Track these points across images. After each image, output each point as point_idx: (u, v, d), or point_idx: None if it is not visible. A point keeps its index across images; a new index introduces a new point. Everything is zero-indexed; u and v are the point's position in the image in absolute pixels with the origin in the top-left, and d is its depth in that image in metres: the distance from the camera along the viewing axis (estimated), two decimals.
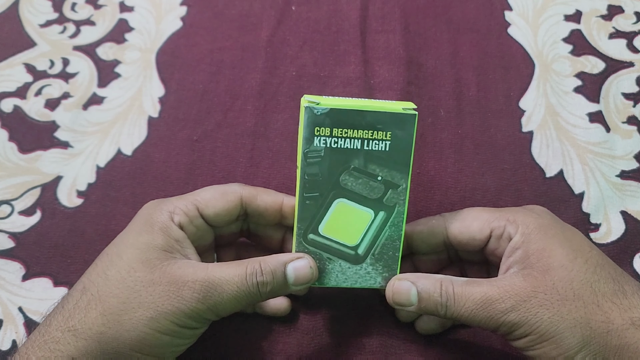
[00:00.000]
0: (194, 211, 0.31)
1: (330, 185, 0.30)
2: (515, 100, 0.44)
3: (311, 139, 0.29)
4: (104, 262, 0.29)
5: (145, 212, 0.31)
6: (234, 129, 0.43)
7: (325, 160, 0.30)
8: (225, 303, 0.28)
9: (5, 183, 0.41)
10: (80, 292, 0.28)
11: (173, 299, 0.27)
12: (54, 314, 0.28)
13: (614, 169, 0.41)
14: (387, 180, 0.31)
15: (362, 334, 0.35)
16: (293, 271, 0.30)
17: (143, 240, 0.29)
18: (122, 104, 0.45)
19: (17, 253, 0.39)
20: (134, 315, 0.27)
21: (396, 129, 0.30)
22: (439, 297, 0.29)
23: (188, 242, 0.30)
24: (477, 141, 0.42)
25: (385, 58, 0.46)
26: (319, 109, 0.29)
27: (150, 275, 0.28)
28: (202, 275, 0.28)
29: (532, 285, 0.28)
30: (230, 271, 0.28)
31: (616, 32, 0.47)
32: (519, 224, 0.30)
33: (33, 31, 0.49)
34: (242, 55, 0.47)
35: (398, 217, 0.31)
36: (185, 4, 0.50)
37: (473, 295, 0.28)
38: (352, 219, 0.31)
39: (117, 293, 0.27)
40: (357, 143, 0.30)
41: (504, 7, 0.49)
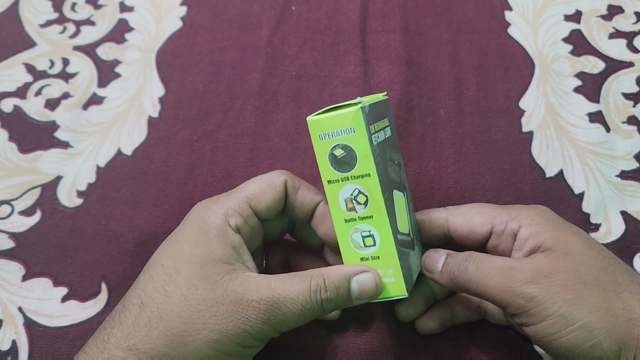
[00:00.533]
0: (247, 209, 0.29)
1: (388, 181, 0.29)
2: (515, 100, 0.44)
3: (371, 139, 0.28)
4: (159, 275, 0.28)
5: (198, 216, 0.29)
6: (234, 129, 0.43)
7: (379, 157, 0.29)
8: (289, 321, 0.27)
9: (5, 183, 0.41)
10: (138, 307, 0.27)
11: (238, 321, 0.26)
12: (112, 328, 0.27)
13: (614, 169, 0.41)
14: (398, 162, 0.32)
15: (363, 334, 0.36)
16: (357, 285, 0.28)
17: (199, 252, 0.28)
18: (122, 104, 0.45)
19: (17, 253, 0.39)
20: (198, 337, 0.26)
21: (388, 114, 0.31)
22: (459, 260, 0.29)
23: (245, 247, 0.29)
24: (477, 141, 0.42)
25: (385, 58, 0.46)
26: (366, 106, 0.28)
27: (212, 293, 0.27)
28: (267, 294, 0.27)
29: (553, 264, 0.27)
30: (295, 288, 0.27)
31: (616, 32, 0.47)
32: (522, 219, 0.30)
33: (33, 31, 0.49)
34: (242, 55, 0.47)
35: (409, 192, 0.33)
36: (185, 4, 0.50)
37: (495, 263, 0.28)
38: (401, 207, 0.31)
39: (179, 312, 0.26)
40: (382, 134, 0.30)
41: (504, 7, 0.49)
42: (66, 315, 0.37)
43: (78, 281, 0.38)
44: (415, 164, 0.41)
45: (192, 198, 0.41)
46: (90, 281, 0.38)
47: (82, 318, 0.36)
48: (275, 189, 0.30)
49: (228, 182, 0.41)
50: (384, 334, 0.35)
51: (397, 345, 0.35)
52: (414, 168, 0.41)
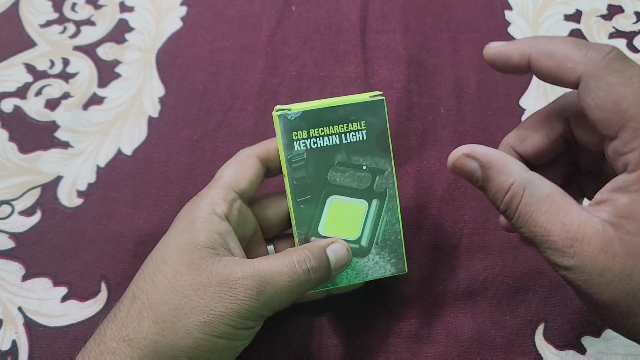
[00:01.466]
0: (231, 194, 0.30)
1: (320, 185, 0.31)
2: (515, 98, 0.44)
3: (291, 144, 0.30)
4: (149, 268, 0.29)
5: (185, 211, 0.30)
6: (234, 129, 0.43)
7: (309, 161, 0.30)
8: (280, 296, 0.27)
9: (5, 183, 0.41)
10: (130, 300, 0.28)
11: (226, 300, 0.26)
12: (108, 322, 0.28)
13: None
14: (372, 168, 0.31)
15: (363, 334, 0.35)
16: (333, 254, 0.29)
17: (184, 240, 0.28)
18: (122, 104, 0.45)
19: (17, 253, 0.39)
20: (187, 321, 0.26)
21: (369, 116, 0.31)
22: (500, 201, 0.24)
23: (232, 234, 0.29)
24: (477, 139, 0.42)
25: (385, 57, 0.46)
26: (292, 114, 0.30)
27: (198, 277, 0.27)
28: (252, 270, 0.27)
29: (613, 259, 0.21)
30: (279, 262, 0.28)
31: (616, 32, 0.47)
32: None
33: (33, 31, 0.49)
34: (242, 55, 0.47)
35: (391, 200, 0.31)
36: (185, 4, 0.50)
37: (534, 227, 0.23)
38: (348, 214, 0.31)
39: (167, 299, 0.27)
40: (336, 138, 0.31)
41: (504, 6, 0.49)
42: (66, 315, 0.37)
43: (78, 281, 0.38)
44: (416, 161, 0.41)
45: (192, 198, 0.40)
46: (90, 281, 0.38)
47: (82, 318, 0.36)
48: (248, 164, 0.31)
49: None
50: (386, 333, 0.35)
51: (398, 344, 0.35)
52: (414, 166, 0.41)
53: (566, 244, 0.22)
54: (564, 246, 0.22)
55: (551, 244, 0.22)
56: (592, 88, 0.23)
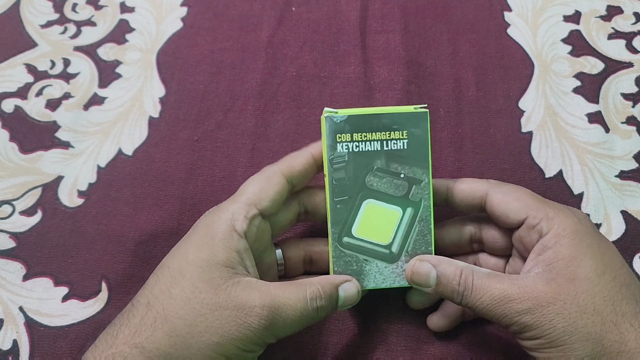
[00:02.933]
0: (252, 211, 0.31)
1: (358, 188, 0.32)
2: (514, 100, 0.44)
3: (334, 146, 0.32)
4: (166, 277, 0.29)
5: (205, 223, 0.31)
6: (234, 129, 0.43)
7: (349, 164, 0.32)
8: (287, 328, 0.29)
9: (6, 183, 0.41)
10: (145, 307, 0.28)
11: (240, 326, 0.27)
12: (120, 325, 0.28)
13: (613, 169, 0.41)
14: (409, 177, 0.32)
15: (363, 334, 0.36)
16: (344, 292, 0.31)
17: (204, 256, 0.29)
18: (122, 105, 0.45)
19: (18, 253, 0.39)
20: (201, 339, 0.27)
21: (411, 127, 0.32)
22: (457, 285, 0.29)
23: (249, 252, 0.30)
24: (476, 141, 0.42)
25: (385, 58, 0.46)
26: (338, 117, 0.31)
27: (216, 297, 0.28)
28: (268, 301, 0.28)
29: (553, 292, 0.28)
30: (293, 296, 0.29)
31: (615, 33, 0.47)
32: (555, 224, 0.30)
33: (34, 32, 0.49)
34: (242, 56, 0.47)
35: (425, 211, 0.32)
36: (185, 5, 0.50)
37: (491, 291, 0.28)
38: (382, 218, 0.32)
39: (183, 315, 0.27)
40: (377, 145, 0.32)
41: (504, 7, 0.49)
42: (67, 314, 0.37)
43: (79, 281, 0.38)
44: None
45: (192, 198, 0.41)
46: (90, 280, 0.38)
47: (82, 317, 0.37)
48: (273, 181, 0.32)
49: (228, 182, 0.41)
50: (384, 333, 0.35)
51: (399, 343, 0.35)
52: None
53: (521, 293, 0.28)
54: (520, 294, 0.28)
55: (508, 298, 0.28)
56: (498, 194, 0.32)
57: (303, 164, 0.33)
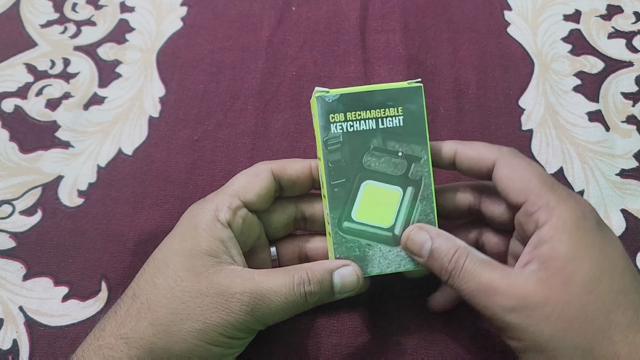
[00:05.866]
0: (236, 202, 0.30)
1: (355, 169, 0.30)
2: (514, 98, 0.44)
3: (328, 126, 0.30)
4: (151, 268, 0.29)
5: (189, 214, 0.31)
6: (234, 129, 0.43)
7: (345, 145, 0.30)
8: (273, 314, 0.28)
9: (6, 183, 0.41)
10: (130, 298, 0.28)
11: (221, 312, 0.27)
12: (108, 318, 0.28)
13: (613, 167, 0.41)
14: (408, 155, 0.31)
15: (364, 334, 0.36)
16: (340, 279, 0.29)
17: (187, 245, 0.29)
18: (122, 104, 0.45)
19: (18, 253, 0.39)
20: (183, 327, 0.27)
21: (406, 103, 0.31)
22: (447, 263, 0.28)
23: (234, 241, 0.30)
24: (477, 139, 0.41)
25: (385, 57, 0.46)
26: (330, 96, 0.30)
27: (197, 285, 0.28)
28: (250, 287, 0.28)
29: (544, 294, 0.26)
30: (278, 281, 0.28)
31: (615, 32, 0.47)
32: (554, 215, 0.27)
33: (34, 31, 0.49)
34: (242, 56, 0.47)
35: (426, 189, 0.31)
36: (185, 5, 0.50)
37: (479, 278, 0.27)
38: (382, 200, 0.31)
39: (166, 303, 0.27)
40: (372, 123, 0.31)
41: (504, 6, 0.49)
42: (67, 314, 0.37)
43: (79, 280, 0.38)
44: None
45: (192, 198, 0.41)
46: (90, 280, 0.38)
47: (82, 317, 0.37)
48: (260, 177, 0.31)
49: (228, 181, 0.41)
50: (384, 333, 0.35)
51: (400, 343, 0.35)
52: None
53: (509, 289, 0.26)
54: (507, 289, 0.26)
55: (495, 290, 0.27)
56: (505, 167, 0.30)
57: (297, 169, 0.32)
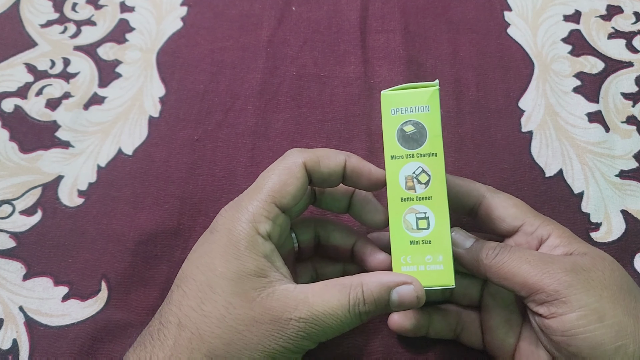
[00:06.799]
0: (274, 210, 0.28)
1: None
2: (514, 100, 0.44)
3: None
4: (193, 292, 0.27)
5: (224, 227, 0.28)
6: (235, 129, 0.43)
7: None
8: (328, 335, 0.27)
9: (6, 183, 0.41)
10: (176, 327, 0.27)
11: (279, 340, 0.26)
12: (152, 347, 0.27)
13: (613, 168, 0.41)
14: None
15: (363, 334, 0.36)
16: (397, 297, 0.27)
17: (233, 268, 0.27)
18: (122, 104, 0.45)
19: (18, 253, 0.39)
20: (240, 358, 0.26)
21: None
22: (495, 244, 0.29)
23: (276, 253, 0.28)
24: (476, 141, 0.42)
25: (385, 58, 0.46)
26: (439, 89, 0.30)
27: (251, 312, 0.26)
28: (305, 312, 0.26)
29: (592, 263, 0.28)
30: (333, 304, 0.27)
31: (615, 32, 0.47)
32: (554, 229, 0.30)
33: (34, 31, 0.49)
34: (242, 55, 0.47)
35: None
36: (185, 4, 0.50)
37: (532, 252, 0.29)
38: None
39: (220, 333, 0.26)
40: None
41: (504, 7, 0.49)
42: (67, 314, 0.37)
43: (79, 280, 0.38)
44: None
45: (192, 197, 0.41)
46: (90, 280, 0.38)
47: (82, 317, 0.37)
48: (295, 175, 0.29)
49: (229, 181, 0.41)
50: (384, 333, 0.35)
51: (398, 345, 0.35)
52: None
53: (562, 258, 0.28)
54: (560, 257, 0.28)
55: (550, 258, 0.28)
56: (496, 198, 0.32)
57: (331, 167, 0.30)
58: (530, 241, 0.31)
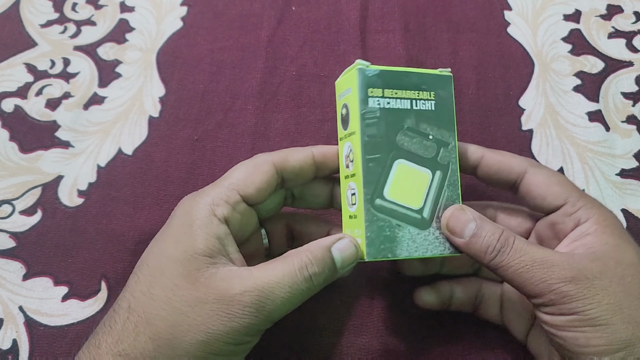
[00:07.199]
0: (235, 196, 0.29)
1: (389, 146, 0.30)
2: (514, 98, 0.44)
3: (366, 100, 0.30)
4: (145, 277, 0.27)
5: (182, 209, 0.29)
6: (235, 129, 0.43)
7: (381, 120, 0.30)
8: (279, 308, 0.26)
9: (6, 183, 0.41)
10: (126, 311, 0.27)
11: (223, 318, 0.25)
12: (103, 334, 0.27)
13: (613, 167, 0.41)
14: (438, 139, 0.31)
15: (363, 334, 0.36)
16: (338, 253, 0.28)
17: (182, 247, 0.27)
18: (122, 104, 0.45)
19: (18, 253, 0.39)
20: (185, 339, 0.25)
21: (438, 88, 0.31)
22: (496, 241, 0.28)
23: (230, 238, 0.28)
24: (477, 139, 0.42)
25: (385, 58, 0.46)
26: (371, 70, 0.30)
27: (195, 292, 0.26)
28: (250, 285, 0.26)
29: (599, 268, 0.26)
30: (278, 272, 0.26)
31: (615, 32, 0.47)
32: (594, 213, 0.29)
33: (34, 31, 0.49)
34: (242, 55, 0.47)
35: (453, 175, 0.31)
36: (185, 4, 0.50)
37: (533, 253, 0.27)
38: (412, 181, 0.30)
39: (165, 316, 0.26)
40: (407, 103, 0.31)
41: (504, 6, 0.49)
42: (66, 314, 0.37)
43: (78, 280, 0.38)
44: None
45: None
46: (90, 280, 0.38)
47: (82, 317, 0.37)
48: (261, 170, 0.30)
49: None
50: (384, 333, 0.35)
51: (398, 343, 0.35)
52: None
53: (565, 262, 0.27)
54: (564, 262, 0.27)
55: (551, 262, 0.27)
56: (539, 174, 0.31)
57: (299, 159, 0.31)
58: (567, 222, 0.29)
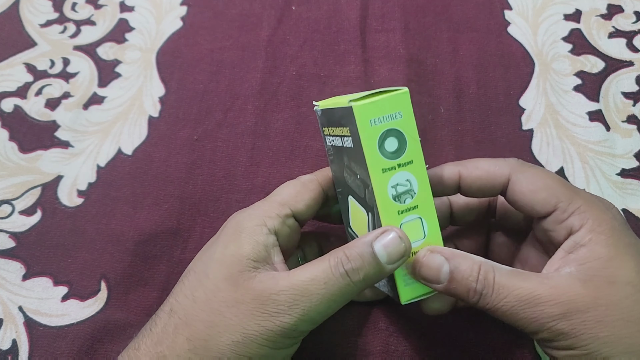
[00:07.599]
0: (286, 210, 0.29)
1: (343, 182, 0.30)
2: (515, 98, 0.44)
3: (324, 139, 0.31)
4: (191, 281, 0.27)
5: (234, 221, 0.29)
6: (234, 129, 0.43)
7: (335, 157, 0.30)
8: (317, 307, 0.25)
9: (5, 183, 0.41)
10: (167, 314, 0.27)
11: (258, 317, 0.25)
12: (143, 336, 0.27)
13: (614, 167, 0.41)
14: (362, 179, 0.27)
15: (363, 334, 0.35)
16: (383, 249, 0.25)
17: (229, 252, 0.27)
18: (122, 104, 0.45)
19: (17, 253, 0.39)
20: (220, 340, 0.25)
21: (350, 124, 0.26)
22: (475, 282, 0.25)
23: (277, 249, 0.28)
24: (477, 138, 0.42)
25: (385, 57, 0.46)
26: (318, 110, 0.31)
27: (234, 293, 0.26)
28: (286, 283, 0.25)
29: (592, 295, 0.24)
30: (312, 269, 0.25)
31: (616, 32, 0.47)
32: (588, 219, 0.26)
33: (33, 31, 0.49)
34: (242, 55, 0.47)
35: (377, 222, 0.27)
36: (185, 4, 0.50)
37: (517, 290, 0.25)
38: (359, 218, 0.29)
39: (204, 317, 0.26)
40: (339, 141, 0.28)
41: (504, 6, 0.49)
42: (66, 314, 0.37)
43: (78, 280, 0.38)
44: None
45: (192, 197, 0.41)
46: (90, 280, 0.38)
47: (82, 317, 0.36)
48: (308, 187, 0.30)
49: (228, 181, 0.41)
50: (384, 333, 0.35)
51: (399, 343, 0.35)
52: None
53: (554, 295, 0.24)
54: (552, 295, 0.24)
55: (538, 299, 0.24)
56: (523, 180, 0.28)
57: None
58: (558, 230, 0.27)
